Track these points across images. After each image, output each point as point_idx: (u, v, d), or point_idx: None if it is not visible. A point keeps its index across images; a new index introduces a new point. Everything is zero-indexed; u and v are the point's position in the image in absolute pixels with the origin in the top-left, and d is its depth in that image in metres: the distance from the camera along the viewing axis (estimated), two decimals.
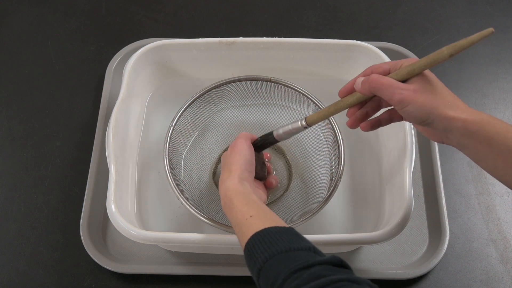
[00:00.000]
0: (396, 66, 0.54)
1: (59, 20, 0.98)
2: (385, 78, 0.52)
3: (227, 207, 0.58)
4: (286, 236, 0.50)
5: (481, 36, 0.47)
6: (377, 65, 0.56)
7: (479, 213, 0.79)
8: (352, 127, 0.60)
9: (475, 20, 0.99)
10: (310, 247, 0.49)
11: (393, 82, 0.52)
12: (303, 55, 0.81)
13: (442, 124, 0.50)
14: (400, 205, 0.66)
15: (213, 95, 0.78)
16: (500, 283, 0.74)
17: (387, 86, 0.51)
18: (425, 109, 0.50)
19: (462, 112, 0.50)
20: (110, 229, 0.77)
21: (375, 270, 0.73)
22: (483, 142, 0.49)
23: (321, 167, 0.77)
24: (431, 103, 0.50)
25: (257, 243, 0.50)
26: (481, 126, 0.49)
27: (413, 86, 0.51)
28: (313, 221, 0.72)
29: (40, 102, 0.89)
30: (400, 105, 0.51)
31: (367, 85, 0.53)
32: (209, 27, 0.98)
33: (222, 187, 0.61)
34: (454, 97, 0.51)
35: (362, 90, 0.55)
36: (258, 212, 0.55)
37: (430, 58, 0.50)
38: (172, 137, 0.74)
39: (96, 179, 0.78)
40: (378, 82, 0.52)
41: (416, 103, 0.50)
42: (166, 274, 0.73)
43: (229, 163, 0.63)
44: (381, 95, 0.53)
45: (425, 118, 0.51)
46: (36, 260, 0.75)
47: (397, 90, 0.51)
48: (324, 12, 1.00)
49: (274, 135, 0.68)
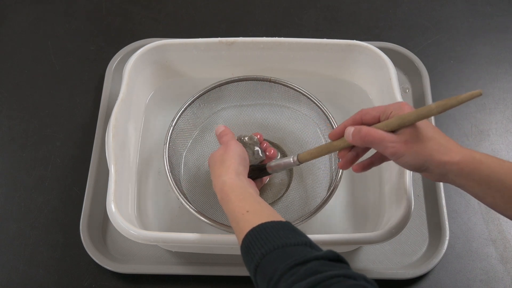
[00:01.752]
0: (385, 113, 0.54)
1: (59, 20, 0.98)
2: (376, 131, 0.53)
3: (224, 201, 0.59)
4: (283, 232, 0.50)
5: (471, 97, 0.48)
6: (366, 111, 0.56)
7: (479, 213, 0.79)
8: (343, 168, 0.61)
9: (475, 20, 0.99)
10: (307, 242, 0.49)
11: (384, 136, 0.53)
12: (303, 55, 0.81)
13: (438, 170, 0.52)
14: (400, 205, 0.66)
15: (213, 95, 0.78)
16: (500, 283, 0.74)
17: (378, 140, 0.53)
18: (419, 158, 0.52)
19: (455, 155, 0.51)
20: (110, 229, 0.77)
21: (375, 270, 0.73)
22: (479, 181, 0.51)
23: (321, 167, 0.77)
24: (424, 151, 0.51)
25: (254, 239, 0.50)
26: (475, 167, 0.50)
27: (404, 138, 0.52)
28: (313, 221, 0.72)
29: (40, 102, 0.89)
30: (394, 157, 0.53)
31: (358, 138, 0.54)
32: (209, 27, 0.98)
33: (219, 182, 0.61)
34: (446, 139, 0.52)
35: (354, 142, 0.55)
36: (255, 206, 0.56)
37: (419, 113, 0.51)
38: (172, 137, 0.74)
39: (96, 179, 0.78)
40: (370, 137, 0.53)
41: (409, 154, 0.52)
42: (166, 274, 0.73)
43: (223, 159, 0.64)
44: (374, 148, 0.55)
45: (420, 166, 0.52)
46: (36, 260, 0.75)
47: (389, 143, 0.52)
48: (324, 12, 1.00)
49: (267, 167, 0.69)
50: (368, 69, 0.81)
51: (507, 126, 0.87)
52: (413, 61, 0.89)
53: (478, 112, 0.88)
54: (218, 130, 0.70)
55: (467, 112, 0.88)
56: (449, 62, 0.94)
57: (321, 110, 0.76)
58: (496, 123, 0.87)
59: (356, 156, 0.60)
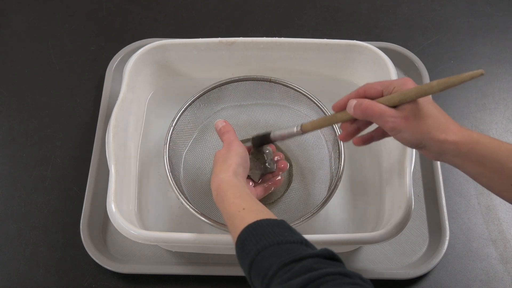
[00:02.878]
0: (388, 89, 0.55)
1: (59, 20, 0.98)
2: (377, 105, 0.54)
3: (219, 198, 0.59)
4: (278, 229, 0.51)
5: (471, 76, 0.47)
6: (370, 85, 0.57)
7: (479, 213, 0.79)
8: (344, 140, 0.62)
9: (475, 20, 0.99)
10: (302, 240, 0.50)
11: (384, 110, 0.53)
12: (303, 55, 0.81)
13: (435, 147, 0.52)
14: (400, 205, 0.66)
15: (213, 95, 0.78)
16: (500, 283, 0.74)
17: (378, 114, 0.53)
18: (417, 135, 0.52)
19: (453, 134, 0.51)
20: (110, 229, 0.77)
21: (375, 270, 0.73)
22: (476, 161, 0.51)
23: (321, 167, 0.77)
24: (422, 128, 0.52)
25: (249, 235, 0.51)
26: (472, 147, 0.50)
27: (403, 113, 0.52)
28: (313, 221, 0.72)
29: (40, 102, 0.89)
30: (393, 132, 0.53)
31: (359, 111, 0.55)
32: (209, 27, 0.98)
33: (216, 179, 0.61)
34: (446, 118, 0.52)
35: (355, 115, 0.56)
36: (251, 205, 0.56)
37: (420, 90, 0.51)
38: (172, 137, 0.74)
39: (96, 179, 0.78)
40: (370, 110, 0.54)
41: (408, 130, 0.52)
42: (166, 274, 0.73)
43: (224, 158, 0.64)
44: (373, 121, 0.55)
45: (418, 143, 0.53)
46: (36, 260, 0.75)
47: (389, 118, 0.53)
48: (324, 12, 1.00)
49: (271, 136, 0.69)
50: (368, 69, 0.81)
51: (507, 126, 0.87)
52: (413, 61, 0.89)
53: (478, 112, 0.88)
54: (218, 125, 0.70)
55: (467, 112, 0.88)
56: (449, 62, 0.94)
57: (321, 110, 0.76)
58: (496, 123, 0.87)
59: (358, 130, 0.60)
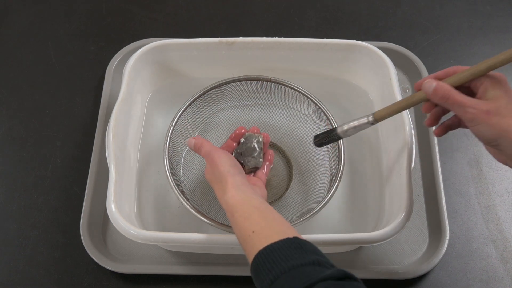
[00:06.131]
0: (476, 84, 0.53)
1: (59, 20, 0.98)
2: (459, 95, 0.52)
3: (231, 221, 0.57)
4: (289, 252, 0.49)
5: None
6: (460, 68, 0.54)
7: (479, 213, 0.79)
8: (431, 125, 0.59)
9: (475, 20, 0.99)
10: (314, 260, 0.48)
11: (466, 100, 0.51)
12: (303, 55, 0.81)
13: (509, 149, 0.50)
14: (400, 205, 0.66)
15: (213, 95, 0.78)
16: (500, 283, 0.74)
17: (459, 104, 0.51)
18: (495, 131, 0.49)
19: None
20: (110, 229, 0.77)
21: (375, 270, 0.73)
22: None
23: (321, 167, 0.77)
24: (501, 125, 0.49)
25: (261, 263, 0.49)
26: None
27: (486, 106, 0.50)
28: (313, 221, 0.72)
29: (40, 102, 0.89)
30: (471, 123, 0.51)
31: (438, 97, 0.53)
32: (209, 27, 0.98)
33: (222, 202, 0.59)
34: None
35: (432, 98, 0.54)
36: (260, 224, 0.54)
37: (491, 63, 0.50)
38: (172, 137, 0.74)
39: (96, 179, 0.78)
40: (451, 98, 0.52)
41: (486, 124, 0.50)
42: (166, 274, 0.73)
43: (216, 176, 0.62)
44: (453, 110, 0.53)
45: (493, 140, 0.51)
46: (36, 260, 0.75)
47: (469, 109, 0.50)
48: (324, 12, 1.00)
49: (338, 132, 0.63)
50: (368, 69, 0.81)
51: None
52: (413, 61, 0.89)
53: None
54: (190, 144, 0.67)
55: None
56: (449, 62, 0.94)
57: (321, 110, 0.76)
58: None
59: (443, 112, 0.58)
